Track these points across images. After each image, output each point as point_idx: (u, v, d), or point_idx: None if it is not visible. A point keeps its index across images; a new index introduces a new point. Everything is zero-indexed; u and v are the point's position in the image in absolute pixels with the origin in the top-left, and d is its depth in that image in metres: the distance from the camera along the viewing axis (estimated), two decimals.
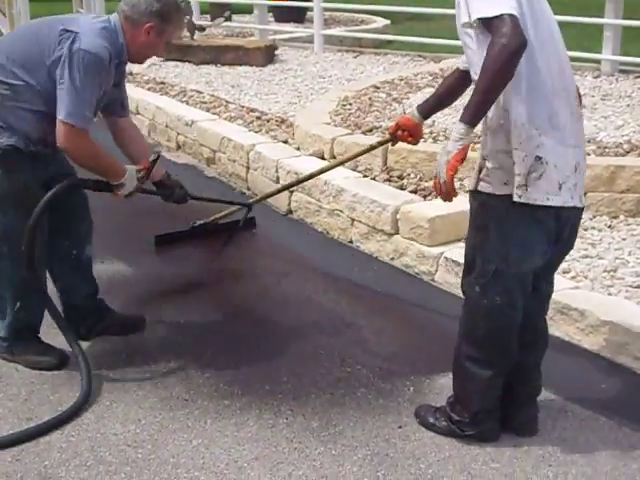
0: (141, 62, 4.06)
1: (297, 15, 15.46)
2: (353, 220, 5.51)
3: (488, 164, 3.07)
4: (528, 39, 2.80)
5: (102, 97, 3.75)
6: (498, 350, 3.26)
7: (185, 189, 4.41)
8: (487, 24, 2.81)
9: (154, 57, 11.77)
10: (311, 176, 5.24)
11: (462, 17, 2.95)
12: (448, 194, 3.04)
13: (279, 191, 5.61)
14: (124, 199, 3.94)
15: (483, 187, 3.11)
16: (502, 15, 2.75)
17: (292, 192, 6.04)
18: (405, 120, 3.94)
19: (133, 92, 9.52)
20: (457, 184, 3.29)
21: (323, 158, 6.47)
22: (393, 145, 4.25)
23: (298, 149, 6.76)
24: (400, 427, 3.47)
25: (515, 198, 2.99)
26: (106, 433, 3.43)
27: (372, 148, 4.73)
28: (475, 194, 3.16)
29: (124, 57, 3.81)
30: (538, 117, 2.95)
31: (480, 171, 3.10)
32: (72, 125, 3.56)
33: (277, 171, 6.34)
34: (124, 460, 3.25)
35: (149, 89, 9.75)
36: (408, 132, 3.93)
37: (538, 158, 2.96)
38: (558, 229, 3.12)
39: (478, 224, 3.20)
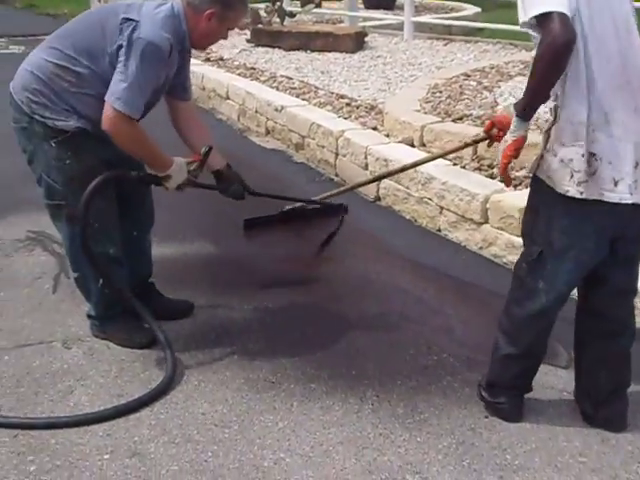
0: (204, 48, 4.09)
1: (387, 2, 15.44)
2: (442, 208, 5.48)
3: (542, 152, 3.12)
4: (582, 32, 2.85)
5: (162, 85, 3.78)
6: (527, 333, 3.32)
7: (245, 185, 4.26)
8: (539, 21, 2.83)
9: (244, 42, 11.93)
10: (403, 169, 5.19)
11: (520, 17, 2.96)
12: (505, 180, 3.26)
13: (369, 182, 5.60)
14: (175, 192, 3.94)
15: (538, 172, 3.16)
16: (551, 12, 2.78)
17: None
18: (501, 118, 3.75)
19: (223, 77, 9.64)
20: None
21: (413, 145, 6.44)
22: (489, 146, 4.04)
23: (387, 136, 6.74)
24: (486, 417, 3.45)
25: (576, 194, 2.99)
26: (194, 412, 3.48)
27: (466, 146, 4.65)
28: (533, 176, 3.21)
29: (186, 44, 3.81)
30: (593, 113, 2.94)
31: (541, 156, 3.13)
32: (120, 111, 3.55)
33: (366, 158, 6.33)
34: (211, 439, 3.30)
35: (239, 74, 9.82)
36: (504, 131, 3.79)
37: (591, 154, 2.95)
38: (618, 225, 3.08)
39: (530, 204, 3.28)
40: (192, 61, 4.17)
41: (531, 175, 3.24)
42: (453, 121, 6.67)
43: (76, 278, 4.08)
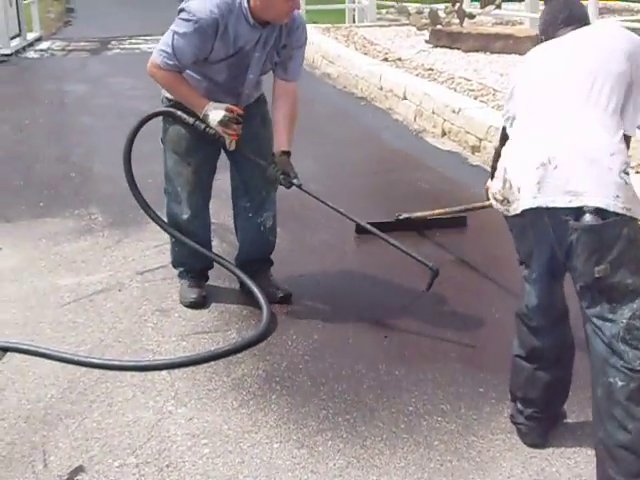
0: (274, 20, 4.12)
1: None
2: None
3: None
4: None
5: (229, 56, 4.12)
6: None
7: (289, 175, 4.19)
8: None
9: (423, 43, 11.92)
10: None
11: None
12: None
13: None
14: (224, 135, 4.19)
15: None
16: None
17: None
18: None
19: (401, 77, 9.65)
20: None
21: None
22: None
23: None
24: None
25: None
26: (363, 409, 3.53)
27: None
28: None
29: (249, 19, 4.05)
30: None
31: None
32: (153, 58, 4.14)
33: None
34: (378, 437, 3.33)
35: (417, 75, 9.79)
36: None
37: None
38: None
39: None
40: (370, 61, 4.24)
41: None
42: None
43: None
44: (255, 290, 4.38)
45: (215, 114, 4.13)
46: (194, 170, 4.38)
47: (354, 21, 16.20)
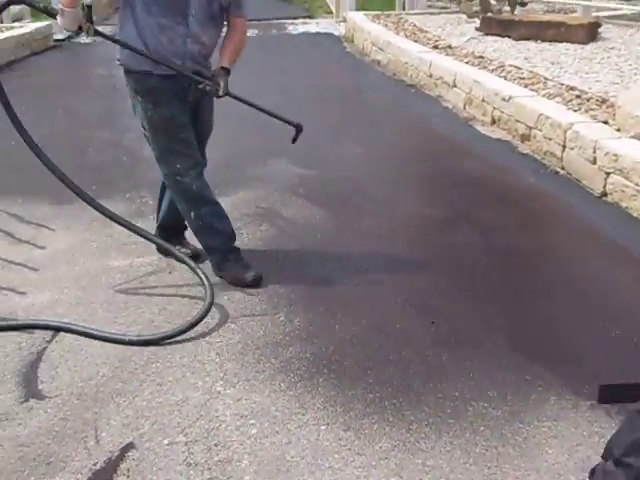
0: None
1: None
2: None
3: None
4: None
5: None
6: None
7: (220, 86, 4.31)
8: None
9: (473, 31, 11.85)
10: None
11: None
12: None
13: None
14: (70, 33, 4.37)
15: None
16: None
17: (609, 174, 5.88)
18: None
19: (451, 65, 9.61)
20: None
21: None
22: None
23: (619, 130, 6.50)
24: None
25: None
26: (407, 392, 3.55)
27: None
28: None
29: None
30: None
31: None
32: None
33: (595, 152, 6.14)
34: (424, 420, 3.36)
35: (467, 63, 9.76)
36: None
37: None
38: None
39: None
40: (420, 48, 4.23)
41: None
42: None
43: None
44: (204, 279, 4.43)
45: (68, 20, 4.10)
46: (187, 145, 4.52)
47: (404, 8, 16.15)
